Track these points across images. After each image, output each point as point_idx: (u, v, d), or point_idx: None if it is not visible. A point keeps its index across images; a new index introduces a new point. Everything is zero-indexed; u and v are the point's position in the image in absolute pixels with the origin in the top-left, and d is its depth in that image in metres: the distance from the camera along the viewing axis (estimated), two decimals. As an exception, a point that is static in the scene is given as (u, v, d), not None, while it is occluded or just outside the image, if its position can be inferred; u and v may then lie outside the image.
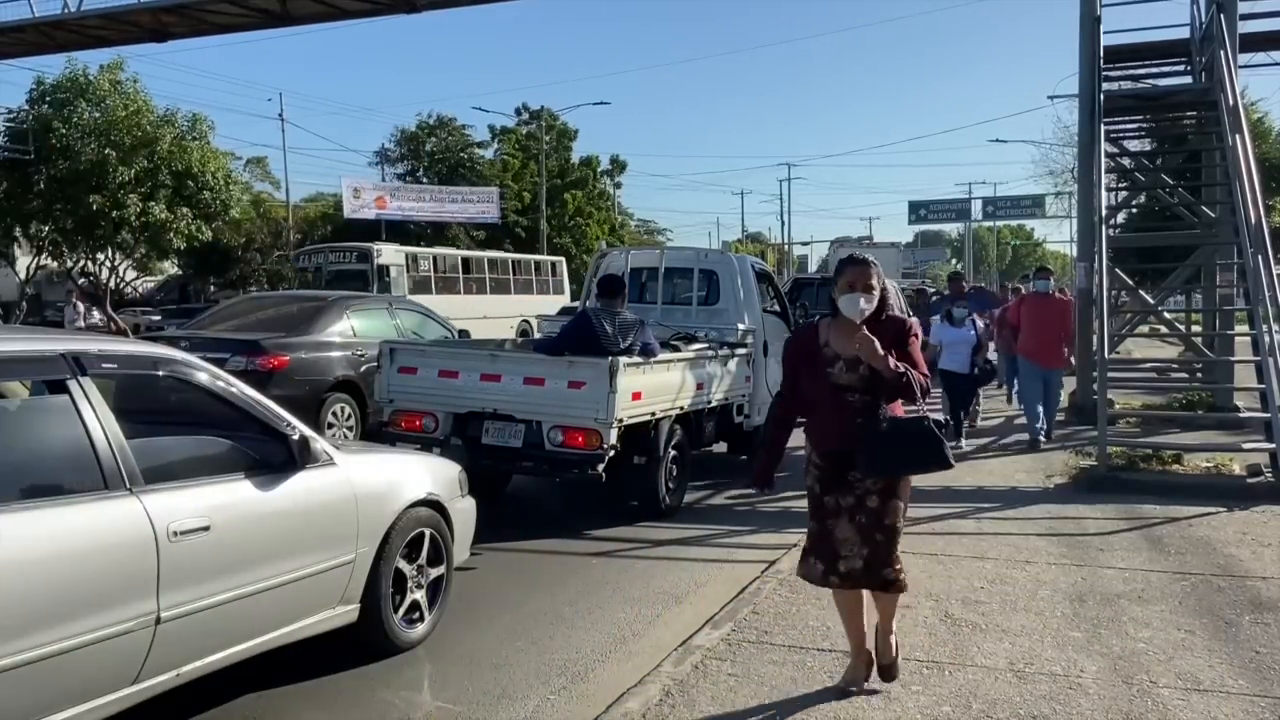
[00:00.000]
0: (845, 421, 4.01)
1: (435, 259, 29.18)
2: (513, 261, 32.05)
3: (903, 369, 3.90)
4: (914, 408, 4.10)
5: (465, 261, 30.33)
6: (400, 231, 38.94)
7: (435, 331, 11.52)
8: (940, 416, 9.81)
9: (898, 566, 4.10)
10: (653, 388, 7.54)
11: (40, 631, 3.09)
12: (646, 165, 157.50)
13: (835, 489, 4.08)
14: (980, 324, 10.98)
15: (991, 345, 11.75)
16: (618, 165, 54.95)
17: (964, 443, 10.65)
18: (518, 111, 48.03)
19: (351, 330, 10.94)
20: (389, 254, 27.02)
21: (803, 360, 4.14)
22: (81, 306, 23.47)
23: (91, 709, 3.32)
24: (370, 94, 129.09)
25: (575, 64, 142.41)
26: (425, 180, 42.28)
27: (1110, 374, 9.90)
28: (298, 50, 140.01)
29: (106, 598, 3.31)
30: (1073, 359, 11.41)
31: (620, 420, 7.05)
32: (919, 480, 9.10)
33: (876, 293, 3.98)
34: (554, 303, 29.95)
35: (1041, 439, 10.69)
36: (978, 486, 8.71)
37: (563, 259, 34.76)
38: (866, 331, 3.89)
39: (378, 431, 8.40)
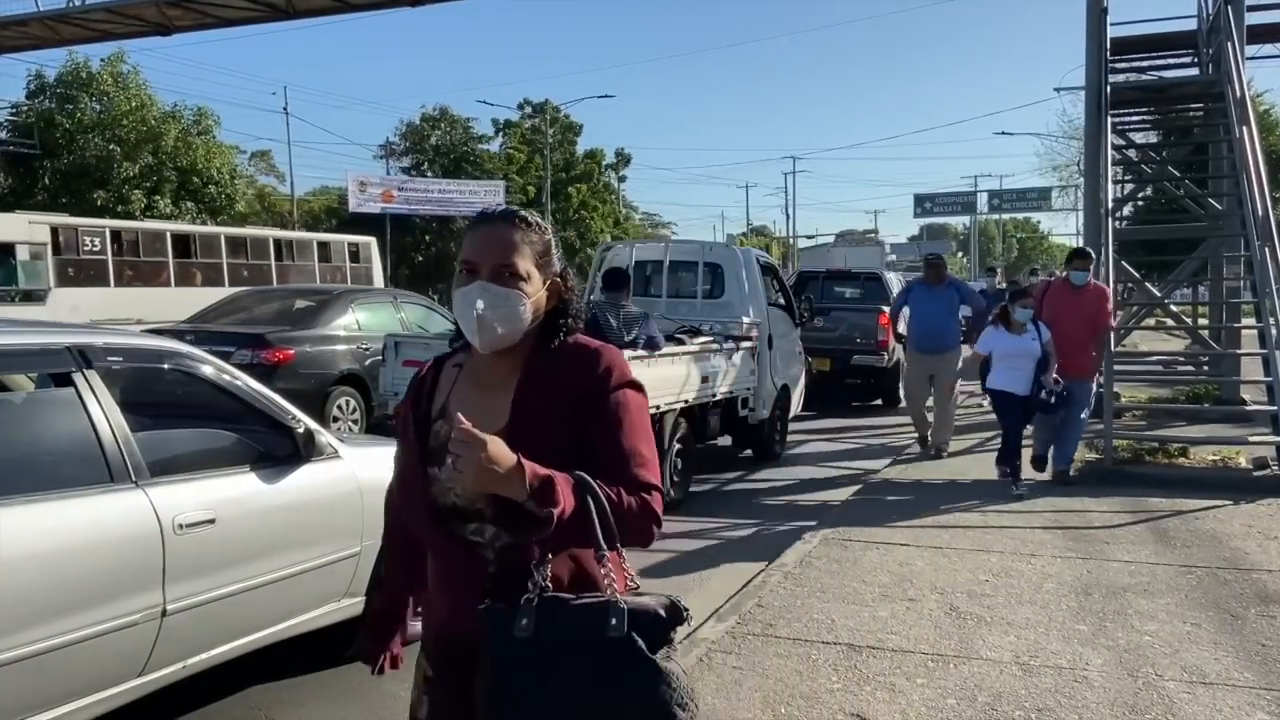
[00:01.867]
0: (463, 581, 1.90)
1: (114, 236, 18.41)
2: (278, 242, 21.83)
3: (557, 491, 1.68)
4: (604, 570, 1.78)
5: (181, 241, 19.61)
6: (405, 225, 39.00)
7: (439, 325, 11.54)
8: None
9: None
10: (657, 381, 7.49)
11: (46, 624, 3.10)
12: (651, 158, 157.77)
13: None
14: (1045, 331, 8.24)
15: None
16: (622, 158, 54.93)
17: (1021, 487, 8.02)
18: (521, 105, 48.01)
19: (356, 324, 10.97)
20: (12, 228, 16.75)
21: (403, 439, 2.08)
22: None
23: (98, 701, 3.33)
24: (374, 87, 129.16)
25: (579, 56, 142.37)
26: (430, 173, 42.28)
27: (1116, 367, 9.88)
28: (301, 43, 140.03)
29: (112, 591, 3.32)
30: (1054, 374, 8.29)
31: None
32: (916, 472, 8.90)
33: (529, 285, 1.91)
34: None
35: (1057, 469, 8.52)
36: (982, 479, 8.70)
37: (372, 240, 25.06)
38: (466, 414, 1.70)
39: (383, 425, 8.39)
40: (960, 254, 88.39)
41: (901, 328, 10.67)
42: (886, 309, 10.23)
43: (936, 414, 10.10)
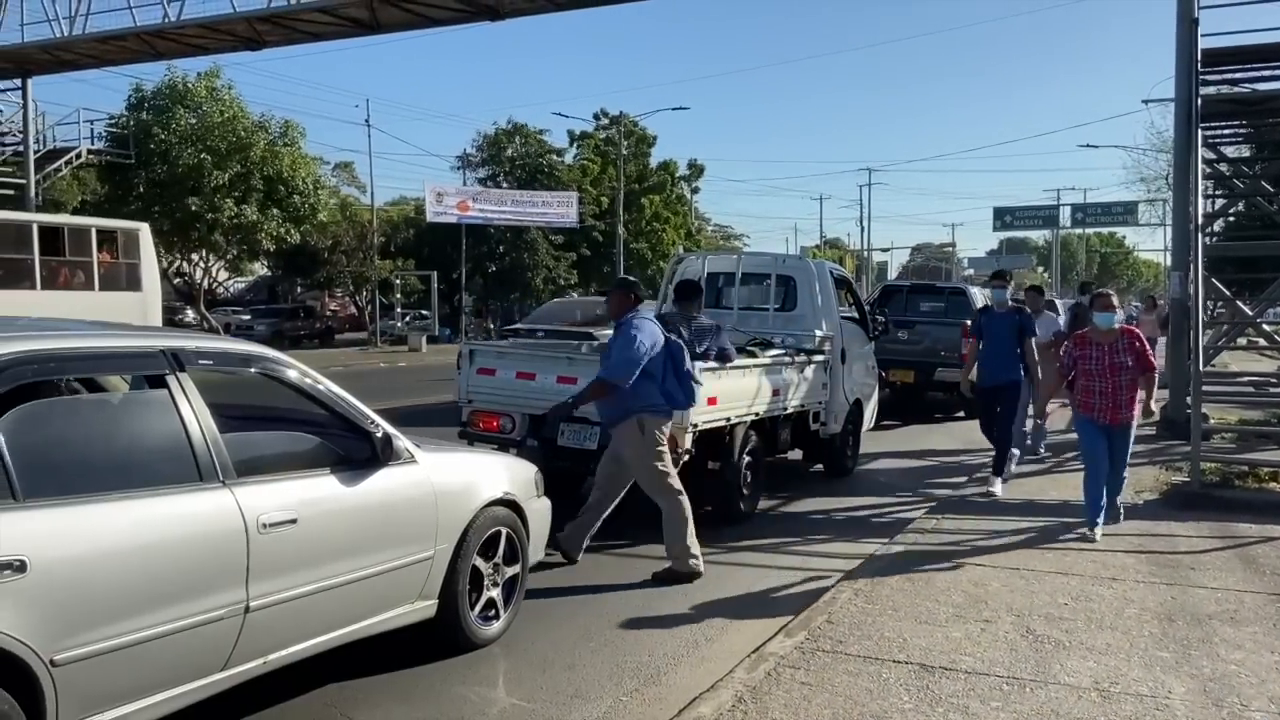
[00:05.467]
0: None
1: None
2: None
3: None
4: None
5: None
6: (481, 235, 39.56)
7: None
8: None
9: None
10: (728, 393, 7.51)
11: (139, 616, 3.22)
12: (724, 170, 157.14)
13: None
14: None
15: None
16: (695, 169, 54.91)
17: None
18: (596, 117, 48.37)
19: None
20: None
21: None
22: None
23: (185, 692, 3.45)
24: (452, 99, 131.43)
25: (656, 69, 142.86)
26: (505, 184, 42.84)
27: (1205, 387, 9.55)
28: (383, 56, 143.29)
29: (200, 586, 3.44)
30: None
31: (695, 425, 7.02)
32: (999, 496, 8.66)
33: None
34: (108, 305, 16.24)
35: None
36: (1062, 500, 8.48)
37: (143, 226, 20.06)
38: None
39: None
40: (1040, 269, 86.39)
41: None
42: (969, 322, 10.05)
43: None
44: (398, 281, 40.01)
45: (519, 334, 13.27)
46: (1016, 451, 9.77)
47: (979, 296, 15.26)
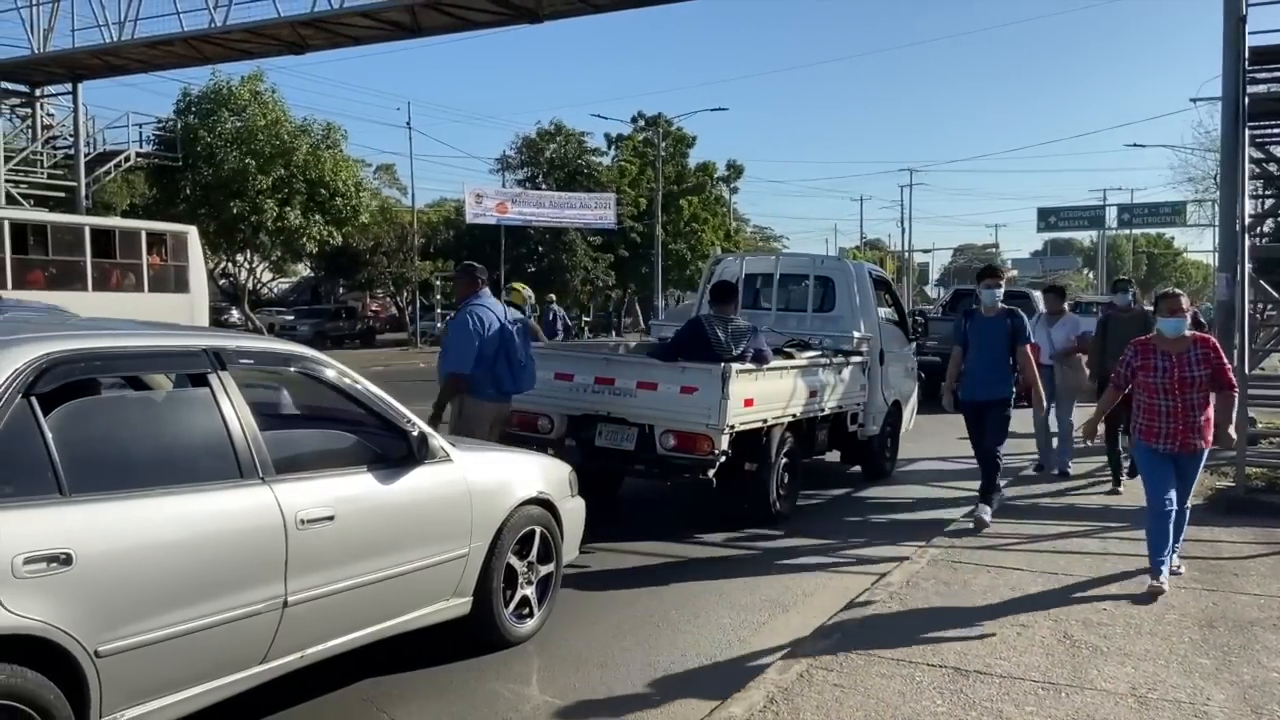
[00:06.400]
0: None
1: None
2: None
3: None
4: None
5: None
6: (519, 236, 39.80)
7: None
8: None
9: None
10: (765, 394, 7.50)
11: (180, 609, 3.29)
12: (763, 170, 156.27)
13: None
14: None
15: None
16: (734, 170, 54.80)
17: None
18: (634, 119, 48.44)
19: None
20: None
21: None
22: None
23: (225, 684, 3.52)
24: (491, 101, 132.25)
25: (695, 70, 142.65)
26: (544, 186, 43.06)
27: (1251, 391, 9.37)
28: (422, 59, 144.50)
29: (239, 580, 3.51)
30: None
31: (732, 426, 7.03)
32: (1034, 494, 8.51)
33: None
34: (157, 306, 16.40)
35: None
36: (1103, 505, 8.37)
37: (191, 229, 20.16)
38: None
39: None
40: (1087, 270, 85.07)
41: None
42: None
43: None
44: (437, 282, 40.37)
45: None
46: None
47: (1040, 300, 15.18)
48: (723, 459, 7.03)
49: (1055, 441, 9.88)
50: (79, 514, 3.09)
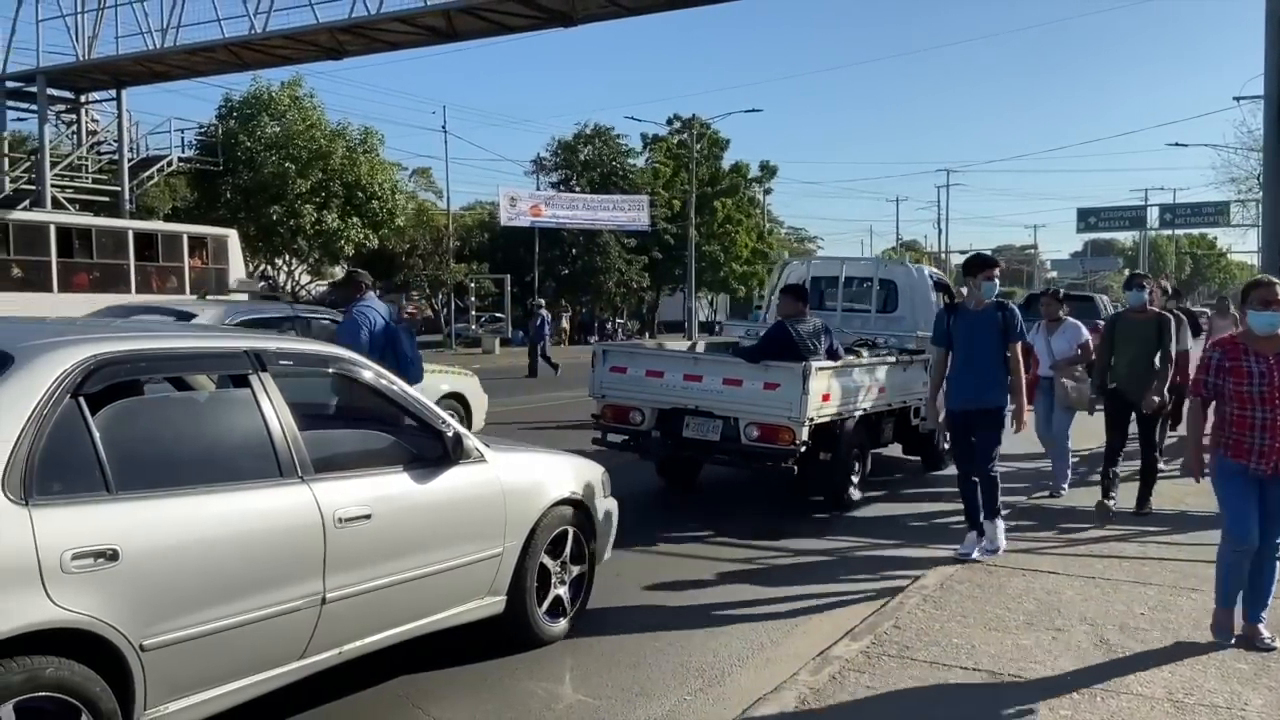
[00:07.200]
0: None
1: None
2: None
3: None
4: None
5: None
6: (554, 238, 39.95)
7: None
8: None
9: None
10: (839, 390, 8.03)
11: (222, 605, 3.37)
12: (797, 172, 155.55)
13: None
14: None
15: None
16: (767, 171, 54.66)
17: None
18: (669, 120, 48.47)
19: None
20: None
21: None
22: None
23: (265, 679, 3.60)
24: (525, 104, 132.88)
25: (729, 72, 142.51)
26: (578, 188, 43.19)
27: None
28: (457, 63, 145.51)
29: (279, 577, 3.58)
30: None
31: (811, 419, 7.61)
32: (1071, 499, 8.28)
33: None
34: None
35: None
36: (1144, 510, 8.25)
37: (231, 233, 20.59)
38: None
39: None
40: (1128, 271, 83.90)
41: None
42: (1100, 323, 10.11)
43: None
44: (472, 285, 40.63)
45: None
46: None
47: (1106, 304, 15.17)
48: (802, 449, 7.61)
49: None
50: (125, 511, 3.17)
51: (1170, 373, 7.90)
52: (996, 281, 6.82)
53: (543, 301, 26.86)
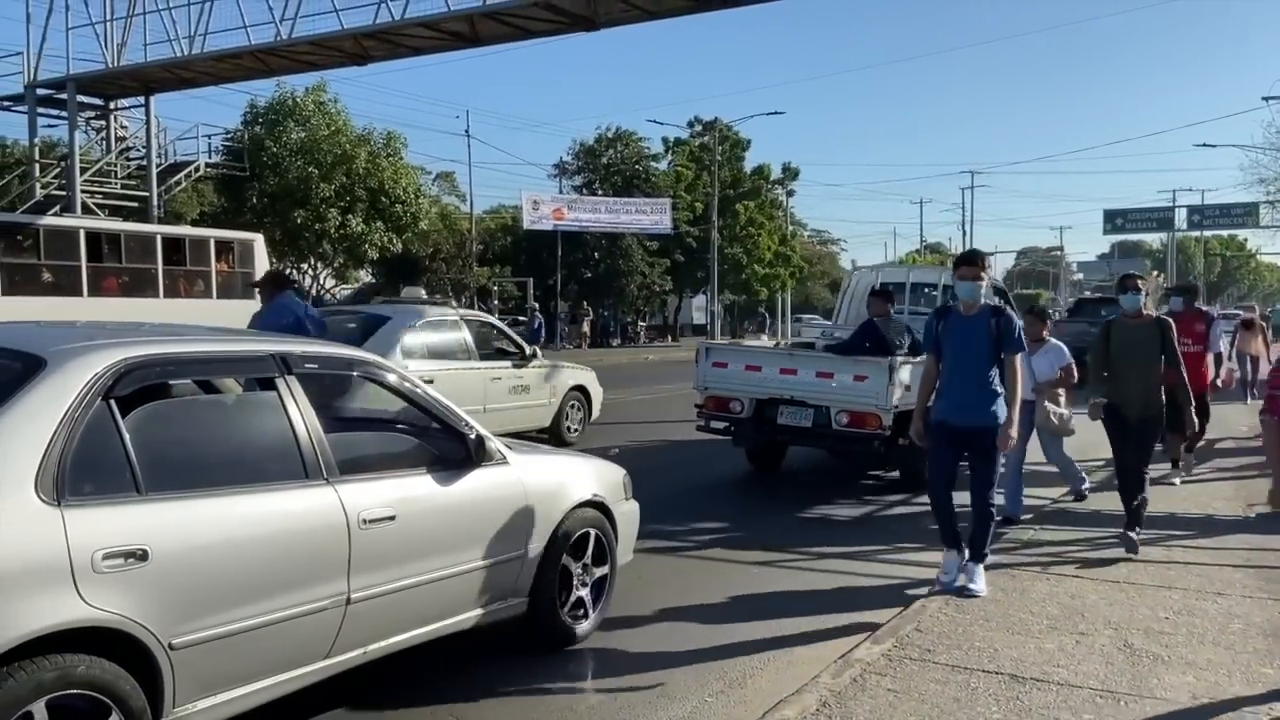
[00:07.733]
0: None
1: None
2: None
3: None
4: None
5: None
6: (576, 241, 40.05)
7: None
8: None
9: None
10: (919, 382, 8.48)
11: (249, 604, 3.42)
12: (820, 174, 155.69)
13: None
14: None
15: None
16: (789, 173, 54.49)
17: None
18: (690, 123, 48.48)
19: None
20: None
21: None
22: None
23: (291, 678, 3.65)
24: (548, 108, 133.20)
25: (751, 74, 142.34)
26: (601, 192, 43.27)
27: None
28: (480, 67, 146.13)
29: (305, 578, 3.63)
30: None
31: (895, 406, 8.46)
32: (1096, 502, 8.14)
33: None
34: (225, 312, 15.91)
35: None
36: (1169, 513, 8.19)
37: (258, 237, 20.52)
38: None
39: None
40: (1156, 273, 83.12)
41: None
42: None
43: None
44: (495, 288, 40.80)
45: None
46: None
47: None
48: (887, 434, 8.52)
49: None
50: (154, 512, 3.22)
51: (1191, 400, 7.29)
52: (980, 284, 5.90)
53: (535, 305, 26.95)
